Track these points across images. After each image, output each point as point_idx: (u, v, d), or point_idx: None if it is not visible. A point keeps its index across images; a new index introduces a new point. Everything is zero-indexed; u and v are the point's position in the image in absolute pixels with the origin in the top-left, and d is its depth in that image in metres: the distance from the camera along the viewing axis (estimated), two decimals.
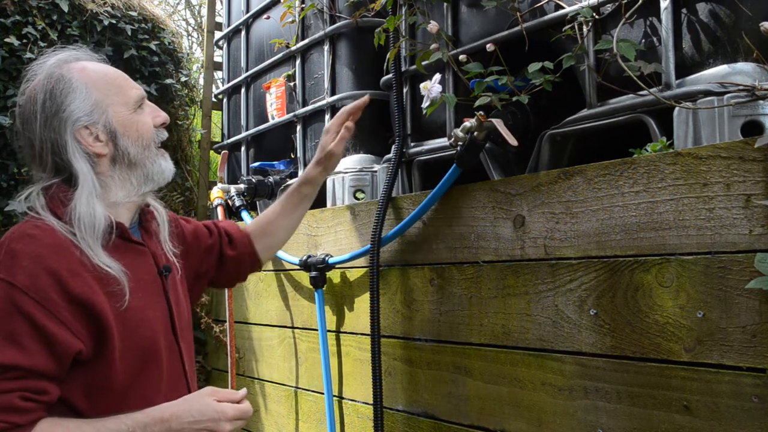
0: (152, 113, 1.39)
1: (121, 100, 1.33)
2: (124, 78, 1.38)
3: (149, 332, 1.30)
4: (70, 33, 3.13)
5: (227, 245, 1.68)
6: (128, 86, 1.36)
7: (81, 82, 1.30)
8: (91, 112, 1.30)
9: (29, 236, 1.21)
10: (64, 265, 1.20)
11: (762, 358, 1.18)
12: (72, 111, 1.28)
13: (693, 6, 1.43)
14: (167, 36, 3.53)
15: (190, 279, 1.59)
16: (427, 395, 1.85)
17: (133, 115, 1.34)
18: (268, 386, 2.62)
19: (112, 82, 1.34)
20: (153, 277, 1.36)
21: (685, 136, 1.38)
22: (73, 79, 1.30)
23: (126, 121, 1.33)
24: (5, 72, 2.97)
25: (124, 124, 1.32)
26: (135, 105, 1.35)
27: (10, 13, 3.00)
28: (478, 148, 1.73)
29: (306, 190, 1.78)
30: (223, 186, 2.90)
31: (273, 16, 2.85)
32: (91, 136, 1.30)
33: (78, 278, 1.20)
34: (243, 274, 1.77)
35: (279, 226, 1.79)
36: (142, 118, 1.36)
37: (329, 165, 1.76)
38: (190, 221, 1.66)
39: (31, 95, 1.31)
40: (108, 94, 1.32)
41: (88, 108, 1.29)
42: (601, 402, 1.42)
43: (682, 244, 1.29)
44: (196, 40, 8.12)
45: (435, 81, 1.76)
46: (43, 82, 1.31)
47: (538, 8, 1.69)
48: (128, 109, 1.33)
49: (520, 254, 1.60)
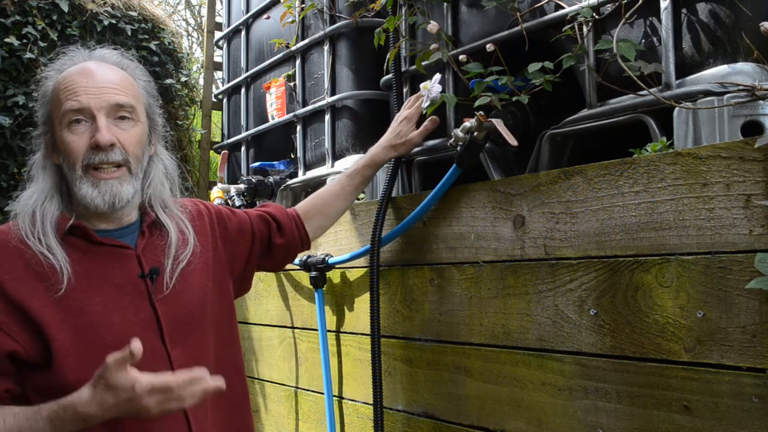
0: (92, 132, 1.27)
1: (57, 114, 1.29)
2: (71, 89, 1.28)
3: (110, 338, 1.24)
4: (70, 33, 3.13)
5: (276, 233, 1.66)
6: (66, 99, 1.28)
7: (50, 90, 1.32)
8: (44, 123, 1.33)
9: None
10: (6, 269, 1.21)
11: (762, 358, 1.18)
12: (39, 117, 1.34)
13: (693, 6, 1.43)
14: (167, 36, 3.54)
15: (236, 275, 1.57)
16: (427, 395, 1.85)
17: (63, 132, 1.28)
18: (268, 386, 2.62)
19: (58, 95, 1.29)
20: (129, 281, 1.31)
21: (685, 136, 1.38)
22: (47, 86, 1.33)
23: (58, 136, 1.29)
24: (5, 72, 2.98)
25: (57, 139, 1.30)
26: (63, 120, 1.28)
27: (10, 13, 3.00)
28: (478, 148, 1.73)
29: (368, 173, 1.82)
30: (223, 186, 2.90)
31: (273, 16, 2.85)
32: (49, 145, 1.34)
33: (19, 282, 1.21)
34: (292, 257, 1.77)
35: (335, 207, 1.80)
36: (70, 137, 1.27)
37: (402, 152, 1.82)
38: (235, 213, 1.63)
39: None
40: (55, 107, 1.30)
41: (43, 119, 1.33)
42: (601, 402, 1.42)
43: (682, 244, 1.29)
44: (196, 40, 8.12)
45: (435, 81, 1.76)
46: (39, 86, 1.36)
47: (538, 8, 1.69)
48: (60, 124, 1.29)
49: (520, 254, 1.60)
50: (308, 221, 1.73)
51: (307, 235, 1.74)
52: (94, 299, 1.26)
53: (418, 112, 1.82)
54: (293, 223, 1.70)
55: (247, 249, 1.60)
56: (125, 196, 1.31)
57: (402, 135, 1.80)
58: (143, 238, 1.38)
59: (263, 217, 1.66)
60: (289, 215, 1.72)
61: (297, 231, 1.71)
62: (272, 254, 1.67)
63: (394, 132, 1.83)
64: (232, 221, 1.58)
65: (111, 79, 1.32)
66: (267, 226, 1.65)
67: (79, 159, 1.28)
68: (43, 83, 1.34)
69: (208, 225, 1.52)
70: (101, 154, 1.28)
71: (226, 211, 1.61)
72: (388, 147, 1.81)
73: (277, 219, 1.67)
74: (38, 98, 1.34)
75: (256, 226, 1.64)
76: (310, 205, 1.77)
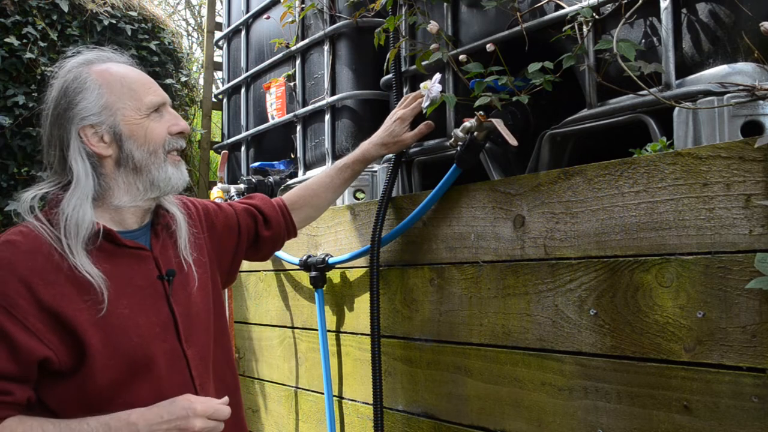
0: (170, 121, 1.38)
1: (134, 104, 1.34)
2: (143, 83, 1.37)
3: (137, 339, 1.27)
4: (70, 33, 3.13)
5: (263, 226, 1.68)
6: (145, 91, 1.36)
7: (95, 83, 1.33)
8: (99, 113, 1.32)
9: (9, 243, 1.23)
10: (39, 273, 1.21)
11: (762, 358, 1.18)
12: (80, 109, 1.31)
13: (693, 6, 1.43)
14: (167, 36, 3.54)
15: (224, 268, 1.58)
16: (427, 395, 1.85)
17: (143, 120, 1.34)
18: (268, 386, 2.62)
19: (128, 86, 1.34)
20: (150, 282, 1.34)
21: (685, 136, 1.38)
22: (88, 79, 1.33)
23: (135, 125, 1.33)
24: (5, 72, 2.98)
25: (132, 128, 1.33)
26: (148, 110, 1.34)
27: (10, 13, 3.00)
28: (478, 148, 1.73)
29: (358, 168, 1.84)
30: (223, 186, 2.90)
31: (273, 16, 2.85)
32: (95, 135, 1.32)
33: (51, 287, 1.21)
34: (279, 246, 1.79)
35: (323, 199, 1.82)
36: (153, 124, 1.35)
37: (393, 151, 1.86)
38: (222, 207, 1.65)
39: (49, 92, 1.35)
40: (121, 97, 1.33)
41: (97, 108, 1.31)
42: (601, 402, 1.42)
43: (682, 244, 1.29)
44: (196, 40, 8.12)
45: (435, 81, 1.76)
46: (61, 79, 1.34)
47: (538, 8, 1.69)
48: (139, 114, 1.34)
49: (520, 254, 1.60)
50: (295, 212, 1.75)
51: (294, 225, 1.77)
52: (120, 301, 1.28)
53: (413, 114, 1.83)
54: (280, 215, 1.72)
55: (234, 244, 1.63)
56: (187, 178, 1.43)
57: (395, 135, 1.82)
58: (157, 239, 1.40)
59: (249, 210, 1.68)
60: (276, 206, 1.74)
61: (284, 222, 1.73)
62: (259, 247, 1.70)
63: (387, 130, 1.84)
64: (218, 217, 1.61)
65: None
66: (254, 220, 1.68)
67: (162, 144, 1.36)
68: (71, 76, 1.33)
69: (197, 222, 1.55)
70: (181, 140, 1.39)
71: (212, 206, 1.64)
72: (380, 144, 1.83)
73: (264, 212, 1.70)
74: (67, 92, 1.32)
75: (243, 221, 1.66)
76: (298, 196, 1.79)
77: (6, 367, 1.17)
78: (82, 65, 1.35)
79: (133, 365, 1.26)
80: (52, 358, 1.20)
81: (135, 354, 1.26)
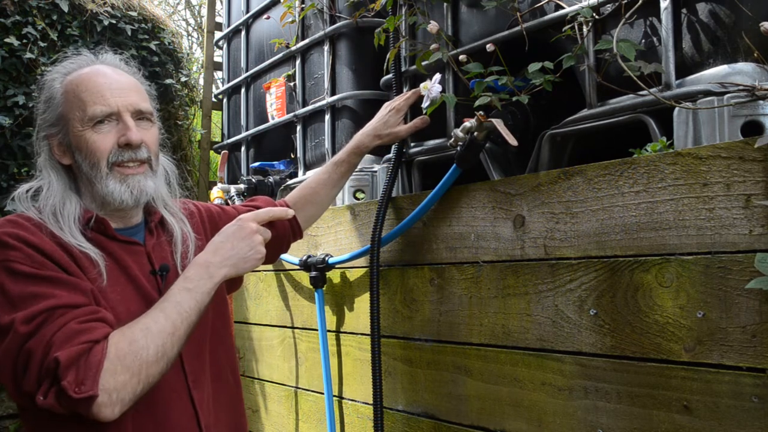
0: (120, 132, 1.33)
1: (79, 115, 1.32)
2: (96, 92, 1.33)
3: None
4: (70, 33, 3.13)
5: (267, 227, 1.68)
6: (93, 101, 1.32)
7: (59, 92, 1.35)
8: (56, 123, 1.35)
9: (11, 222, 1.26)
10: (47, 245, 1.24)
11: (762, 358, 1.18)
12: (45, 118, 1.36)
13: (693, 6, 1.43)
14: (167, 36, 3.54)
15: None
16: (427, 395, 1.85)
17: (85, 132, 1.32)
18: (268, 386, 2.62)
19: (79, 96, 1.33)
20: (143, 275, 1.36)
21: (685, 136, 1.38)
22: (55, 88, 1.36)
23: (79, 137, 1.33)
24: (5, 72, 2.98)
25: (77, 139, 1.33)
26: (90, 121, 1.32)
27: (10, 13, 3.00)
28: (478, 148, 1.73)
29: (355, 160, 1.85)
30: (223, 186, 2.90)
31: (273, 16, 2.85)
32: (58, 145, 1.36)
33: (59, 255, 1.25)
34: (284, 249, 1.80)
35: (324, 196, 1.83)
36: (95, 136, 1.32)
37: (387, 142, 1.85)
38: (225, 210, 1.66)
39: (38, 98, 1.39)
40: (71, 108, 1.33)
41: (54, 118, 1.35)
42: (601, 402, 1.42)
43: (682, 244, 1.29)
44: (196, 40, 8.12)
45: (435, 81, 1.76)
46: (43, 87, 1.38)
47: (538, 8, 1.69)
48: (82, 125, 1.32)
49: (520, 254, 1.60)
50: (298, 212, 1.75)
51: (299, 225, 1.77)
52: (113, 288, 1.30)
53: (407, 104, 1.84)
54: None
55: None
56: (149, 190, 1.37)
57: (389, 125, 1.83)
58: (151, 236, 1.42)
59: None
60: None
61: (288, 223, 1.72)
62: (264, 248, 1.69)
63: (381, 120, 1.85)
64: (222, 219, 1.61)
65: (130, 83, 1.39)
66: None
67: (104, 157, 1.33)
68: (47, 85, 1.37)
69: (200, 224, 1.56)
70: (130, 152, 1.34)
71: (216, 209, 1.65)
72: (374, 135, 1.83)
73: None
74: (43, 100, 1.37)
75: None
76: (299, 196, 1.79)
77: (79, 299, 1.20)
78: (58, 73, 1.37)
79: None
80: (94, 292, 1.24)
81: None
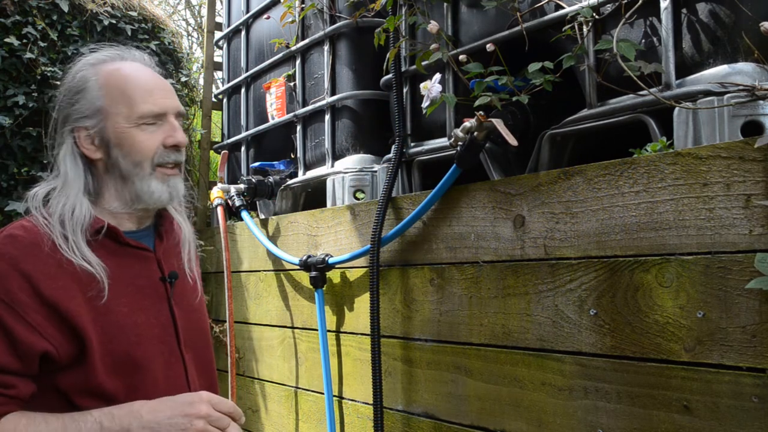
0: (166, 132, 1.33)
1: (126, 112, 1.31)
2: (146, 89, 1.32)
3: (134, 338, 1.27)
4: (70, 33, 3.13)
5: None
6: (143, 99, 1.31)
7: (96, 85, 1.31)
8: (92, 116, 1.31)
9: (11, 237, 1.23)
10: (40, 268, 1.20)
11: (762, 358, 1.18)
12: (76, 109, 1.31)
13: (693, 6, 1.42)
14: (167, 36, 3.53)
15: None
16: (427, 395, 1.85)
17: (132, 129, 1.30)
18: (268, 386, 2.62)
19: (126, 91, 1.31)
20: (152, 283, 1.34)
21: (685, 136, 1.38)
22: (91, 79, 1.32)
23: (123, 133, 1.30)
24: (5, 72, 2.97)
25: (120, 136, 1.30)
26: (139, 120, 1.31)
27: (10, 13, 3.00)
28: (478, 148, 1.72)
29: None
30: (223, 186, 2.89)
31: (273, 16, 2.85)
32: (88, 138, 1.31)
33: (53, 281, 1.20)
34: None
35: None
36: (142, 135, 1.31)
37: None
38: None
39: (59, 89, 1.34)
40: (115, 103, 1.31)
41: (91, 111, 1.31)
42: (601, 402, 1.42)
43: (682, 244, 1.29)
44: (196, 40, 8.12)
45: (435, 81, 1.76)
46: (68, 77, 1.34)
47: (538, 8, 1.69)
48: (129, 122, 1.30)
49: (520, 254, 1.60)
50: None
51: None
52: (120, 299, 1.28)
53: None
54: None
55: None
56: (182, 193, 1.38)
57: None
58: (161, 241, 1.40)
59: None
60: None
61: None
62: None
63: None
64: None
65: (168, 85, 1.38)
66: None
67: (150, 157, 1.31)
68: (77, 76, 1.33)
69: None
70: (175, 154, 1.34)
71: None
72: None
73: None
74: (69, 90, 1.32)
75: None
76: None
77: (7, 361, 1.16)
78: (90, 65, 1.34)
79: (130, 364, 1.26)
80: (52, 353, 1.19)
81: (132, 353, 1.26)
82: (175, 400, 1.21)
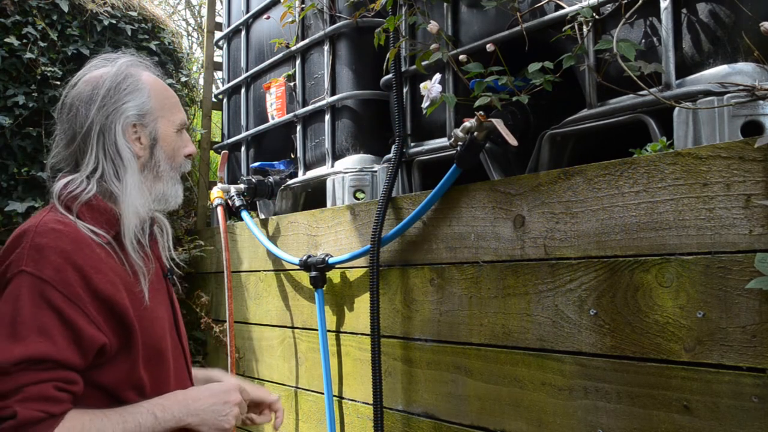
0: (186, 142, 1.45)
1: (171, 117, 1.41)
2: (177, 102, 1.45)
3: (159, 331, 1.33)
4: (70, 33, 3.12)
5: None
6: (179, 109, 1.44)
7: (146, 86, 1.39)
8: (145, 115, 1.37)
9: (54, 231, 1.24)
10: (89, 263, 1.23)
11: (762, 358, 1.18)
12: (129, 106, 1.36)
13: (693, 6, 1.43)
14: (167, 36, 3.53)
15: None
16: (427, 395, 1.85)
17: (174, 135, 1.42)
18: (268, 386, 2.61)
19: (169, 99, 1.42)
20: (159, 279, 1.40)
21: (685, 136, 1.38)
22: (141, 81, 1.39)
23: (168, 137, 1.40)
24: (5, 72, 2.97)
25: (166, 138, 1.40)
26: (178, 127, 1.42)
27: (10, 13, 3.00)
28: (478, 148, 1.72)
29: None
30: (223, 186, 2.89)
31: (273, 16, 2.85)
32: (135, 135, 1.36)
33: (103, 275, 1.24)
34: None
35: None
36: (179, 141, 1.43)
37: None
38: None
39: (94, 82, 1.35)
40: (163, 107, 1.40)
41: (144, 110, 1.37)
42: (601, 402, 1.42)
43: (682, 244, 1.29)
44: (196, 40, 8.12)
45: (435, 81, 1.76)
46: (112, 74, 1.37)
47: (538, 8, 1.69)
48: (173, 128, 1.41)
49: (520, 254, 1.60)
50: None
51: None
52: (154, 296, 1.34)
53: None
54: None
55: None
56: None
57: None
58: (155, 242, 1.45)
59: None
60: None
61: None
62: None
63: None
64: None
65: None
66: None
67: (181, 162, 1.44)
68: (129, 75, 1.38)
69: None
70: (188, 163, 1.47)
71: None
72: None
73: None
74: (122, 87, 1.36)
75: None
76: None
77: (73, 357, 1.18)
78: (134, 66, 1.41)
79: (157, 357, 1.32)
80: (107, 346, 1.23)
81: (159, 346, 1.33)
82: (210, 388, 1.34)
